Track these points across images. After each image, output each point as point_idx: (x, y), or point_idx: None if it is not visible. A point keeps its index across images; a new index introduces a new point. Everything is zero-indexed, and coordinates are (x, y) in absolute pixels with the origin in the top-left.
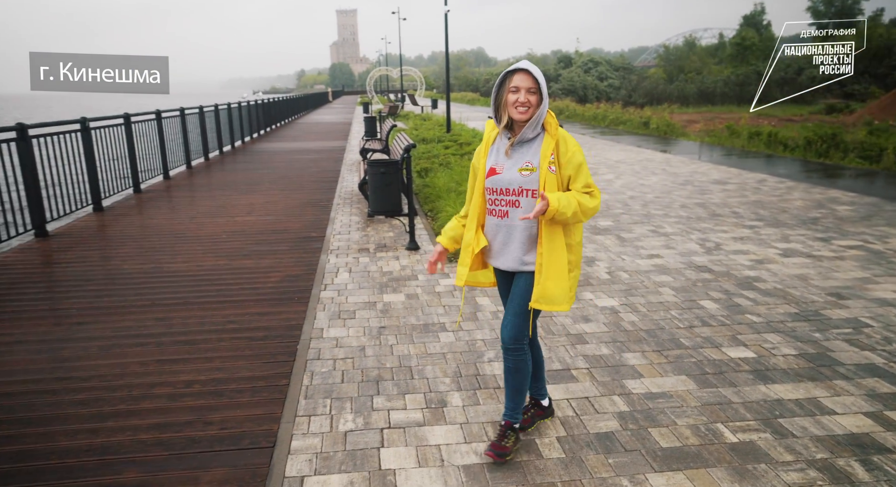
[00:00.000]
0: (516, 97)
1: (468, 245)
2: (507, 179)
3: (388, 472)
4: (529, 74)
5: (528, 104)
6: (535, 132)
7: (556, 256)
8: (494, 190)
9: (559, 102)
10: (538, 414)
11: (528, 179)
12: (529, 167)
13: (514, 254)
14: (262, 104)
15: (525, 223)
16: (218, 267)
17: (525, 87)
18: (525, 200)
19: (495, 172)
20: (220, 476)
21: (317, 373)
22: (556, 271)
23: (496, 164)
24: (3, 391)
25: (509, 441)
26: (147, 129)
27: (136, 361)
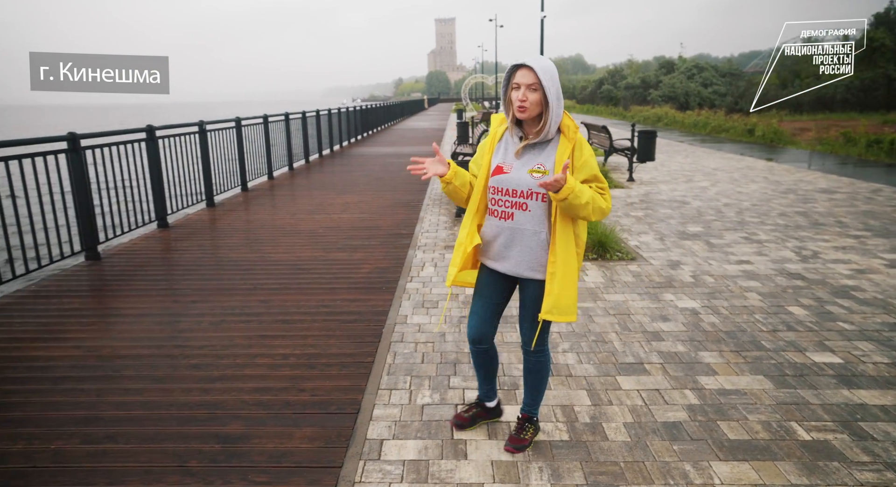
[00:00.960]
0: (517, 94)
1: (460, 244)
2: (514, 179)
3: (460, 442)
4: (532, 70)
5: (527, 102)
6: (551, 136)
7: (569, 262)
8: (499, 190)
9: (657, 109)
10: (480, 415)
11: (538, 181)
12: (542, 169)
13: (520, 259)
14: (360, 111)
15: (534, 227)
16: (315, 258)
17: (525, 83)
18: (534, 203)
19: (502, 172)
20: (309, 434)
21: (399, 354)
22: (568, 281)
23: (504, 162)
24: (133, 353)
25: (527, 433)
26: (254, 132)
27: (241, 335)
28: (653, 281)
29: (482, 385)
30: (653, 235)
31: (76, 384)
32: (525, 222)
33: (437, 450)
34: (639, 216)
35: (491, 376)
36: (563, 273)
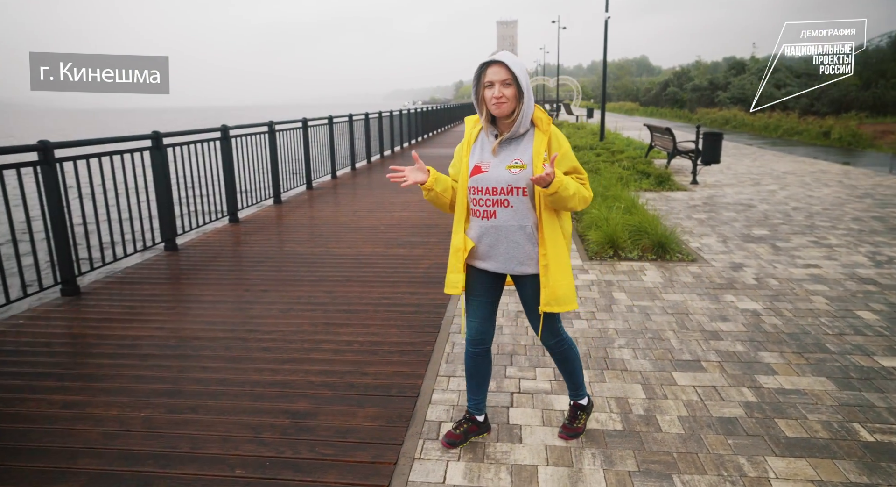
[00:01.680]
0: (491, 92)
1: (457, 250)
2: (493, 177)
3: (515, 426)
4: (504, 65)
5: (503, 98)
6: (525, 128)
7: (558, 253)
8: (479, 189)
9: (725, 112)
10: (472, 430)
11: (517, 176)
12: (519, 164)
13: (508, 255)
14: (420, 113)
15: (518, 223)
16: (376, 253)
17: (499, 80)
18: (516, 199)
19: (480, 171)
20: (372, 414)
21: (457, 344)
22: (561, 270)
23: (481, 161)
24: (210, 335)
25: (580, 422)
26: (319, 133)
27: (308, 322)
28: (713, 282)
29: (472, 395)
30: (715, 237)
31: (160, 361)
32: (508, 219)
33: (493, 433)
34: (701, 219)
35: (483, 383)
36: (556, 264)
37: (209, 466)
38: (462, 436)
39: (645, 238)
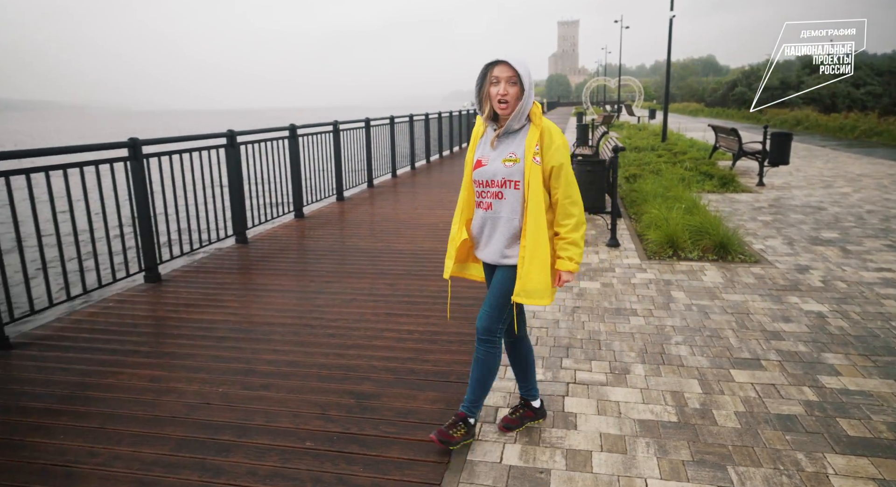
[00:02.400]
0: (497, 89)
1: (453, 239)
2: (491, 170)
3: (570, 415)
4: (509, 65)
5: (508, 96)
6: (521, 123)
7: (539, 249)
8: (480, 182)
9: (797, 112)
10: (527, 415)
11: (511, 169)
12: (513, 158)
13: (495, 246)
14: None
15: (508, 215)
16: (435, 249)
17: (505, 77)
18: (509, 191)
19: (481, 165)
20: (432, 397)
21: None
22: (538, 265)
23: (482, 156)
24: (279, 321)
25: (457, 432)
26: (381, 133)
27: (370, 312)
28: (777, 284)
29: (521, 383)
30: (780, 239)
31: (235, 343)
32: (501, 211)
33: (549, 420)
34: (766, 221)
35: (527, 371)
36: (532, 257)
37: (282, 438)
38: (518, 421)
39: (706, 239)
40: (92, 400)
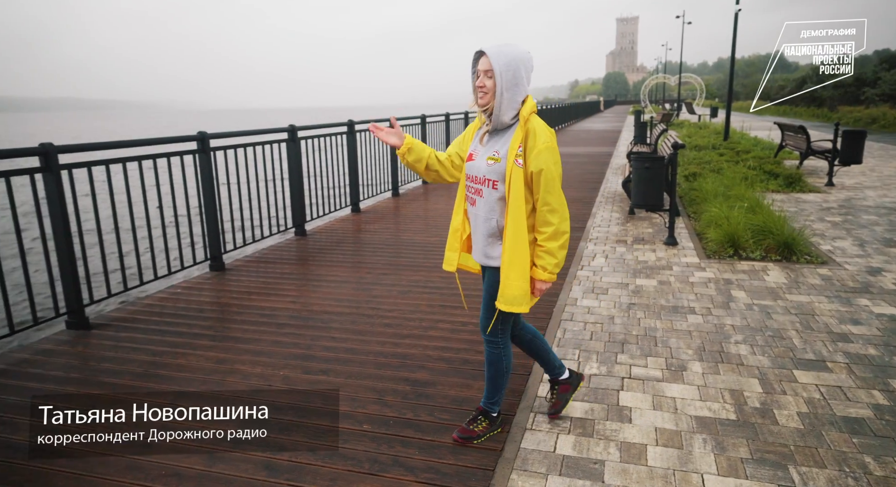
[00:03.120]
0: (475, 82)
1: (455, 230)
2: (476, 166)
3: (625, 408)
4: (487, 57)
5: (484, 89)
6: (509, 121)
7: (518, 255)
8: (469, 177)
9: (873, 110)
10: (563, 390)
11: (491, 168)
12: (495, 157)
13: (478, 245)
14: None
15: (485, 214)
16: None
17: (482, 70)
18: (487, 190)
19: (471, 158)
20: None
21: (568, 330)
22: (517, 271)
23: (474, 150)
24: (337, 310)
25: (478, 426)
26: (436, 130)
27: (425, 303)
28: (845, 286)
29: (546, 369)
30: (850, 240)
31: (295, 330)
32: (481, 209)
33: (603, 413)
34: (835, 222)
35: (543, 355)
36: (510, 262)
37: (340, 420)
38: (560, 401)
39: (769, 238)
40: (164, 378)
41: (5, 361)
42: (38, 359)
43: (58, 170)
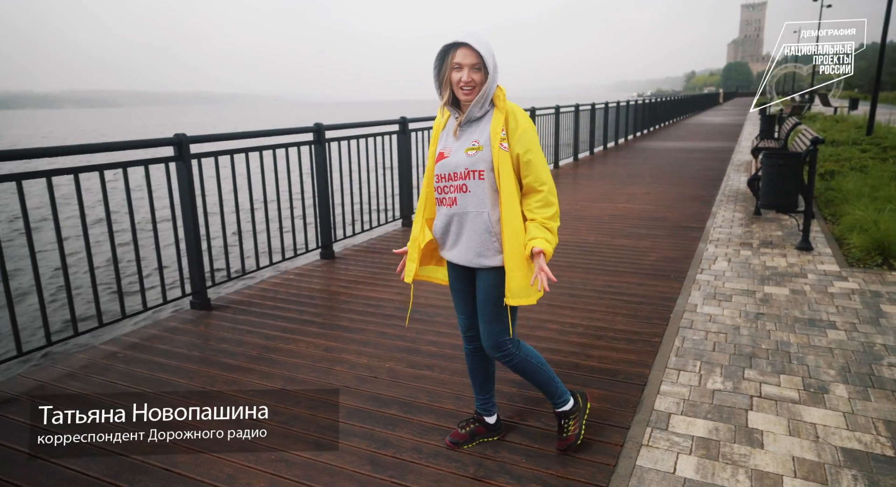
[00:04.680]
0: (459, 76)
1: (415, 239)
2: (453, 162)
3: (755, 431)
4: (472, 48)
5: (472, 83)
6: (484, 110)
7: (517, 243)
8: (443, 176)
9: None
10: (479, 431)
11: (474, 159)
12: (476, 146)
13: (468, 245)
14: (647, 104)
15: (475, 209)
16: (599, 243)
17: (468, 64)
18: (474, 183)
19: (443, 157)
20: (597, 395)
21: (688, 339)
22: (517, 261)
23: (445, 147)
24: (443, 304)
25: (569, 430)
26: (545, 123)
27: None
28: None
29: (478, 395)
30: None
31: (400, 322)
32: (468, 205)
33: (729, 434)
34: None
35: (487, 384)
36: (511, 253)
37: (444, 418)
38: (468, 436)
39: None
40: (275, 363)
41: (138, 335)
42: (166, 336)
43: (189, 159)
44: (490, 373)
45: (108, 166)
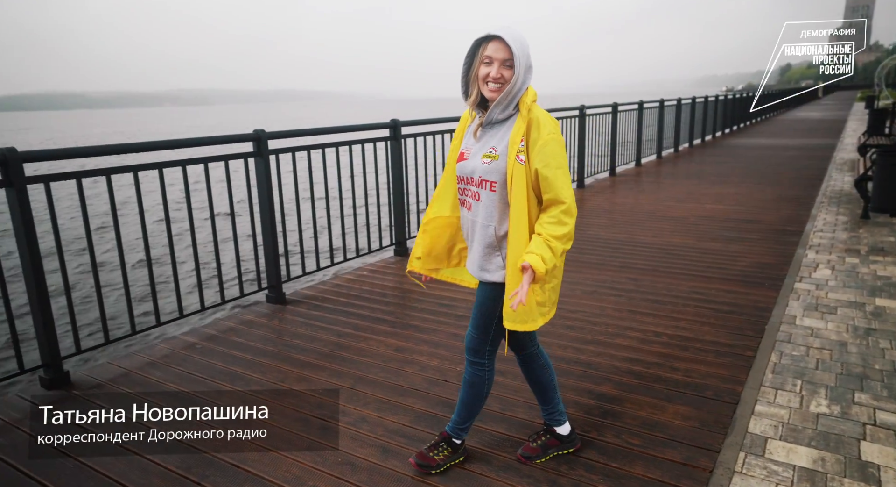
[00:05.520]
0: (488, 71)
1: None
2: (470, 166)
3: (870, 465)
4: (506, 43)
5: (501, 80)
6: (508, 113)
7: (518, 261)
8: (461, 179)
9: None
10: (552, 443)
11: (488, 168)
12: (492, 154)
13: (474, 256)
14: (736, 99)
15: (483, 221)
16: (685, 245)
17: (500, 58)
18: (485, 193)
19: (463, 158)
20: (683, 412)
21: (786, 354)
22: (518, 282)
23: (466, 148)
24: None
25: (440, 454)
26: (627, 119)
27: (612, 307)
28: None
29: (541, 406)
30: None
31: None
32: (478, 214)
33: (839, 466)
34: None
35: (546, 393)
36: (511, 275)
37: (517, 429)
38: (540, 450)
39: None
40: (346, 361)
41: (215, 327)
42: (242, 328)
43: (267, 155)
44: (544, 381)
45: (190, 162)
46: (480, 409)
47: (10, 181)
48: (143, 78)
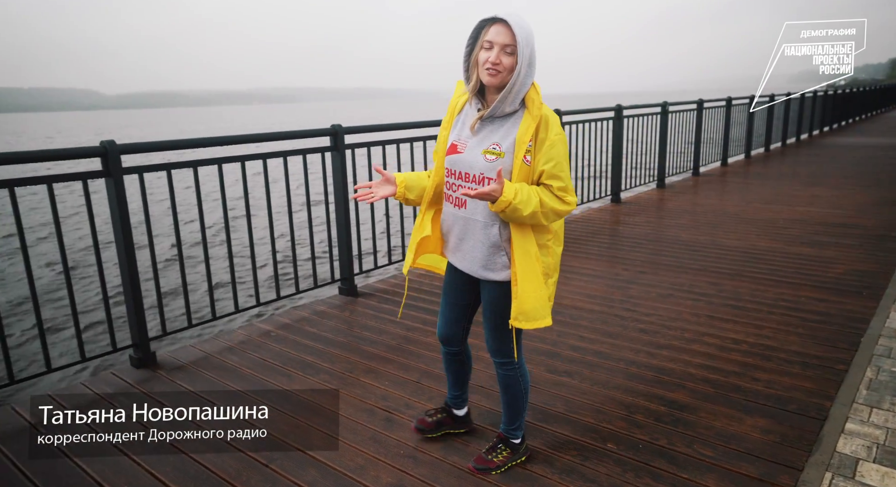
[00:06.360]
0: (487, 55)
1: (416, 228)
2: (468, 161)
3: None
4: (509, 27)
5: (500, 66)
6: (513, 108)
7: (530, 263)
8: (452, 172)
9: None
10: (446, 422)
11: (492, 165)
12: (496, 151)
13: (472, 255)
14: (837, 95)
15: (485, 220)
16: (772, 249)
17: (500, 43)
18: None
19: (456, 151)
20: (763, 425)
21: (884, 370)
22: (531, 281)
23: (458, 139)
24: (588, 307)
25: (498, 456)
26: (713, 116)
27: (689, 311)
28: None
29: (450, 389)
30: None
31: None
32: (477, 212)
33: None
34: None
35: (461, 381)
36: (523, 273)
37: (581, 432)
38: (434, 426)
39: None
40: (412, 355)
41: (290, 316)
42: (314, 318)
43: (343, 149)
44: (467, 372)
45: (270, 155)
46: (526, 406)
47: (109, 171)
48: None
